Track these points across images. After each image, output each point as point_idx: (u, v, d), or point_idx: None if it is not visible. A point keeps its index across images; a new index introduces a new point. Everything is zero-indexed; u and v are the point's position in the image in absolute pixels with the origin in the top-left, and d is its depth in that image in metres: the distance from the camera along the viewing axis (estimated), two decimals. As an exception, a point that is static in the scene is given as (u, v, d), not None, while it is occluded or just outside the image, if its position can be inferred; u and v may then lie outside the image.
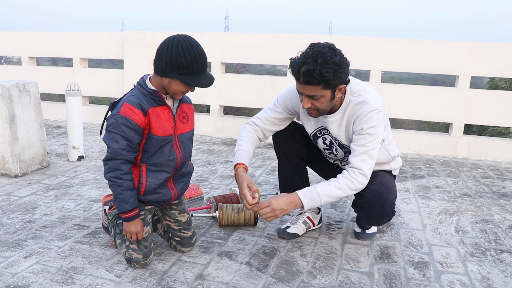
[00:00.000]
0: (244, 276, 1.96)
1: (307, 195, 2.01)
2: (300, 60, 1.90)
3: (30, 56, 5.91)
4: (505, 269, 2.10)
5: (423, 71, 4.55)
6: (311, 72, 1.86)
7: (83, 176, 3.36)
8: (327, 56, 1.86)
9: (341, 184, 2.02)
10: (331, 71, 1.86)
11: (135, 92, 1.84)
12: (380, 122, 2.04)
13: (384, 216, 2.22)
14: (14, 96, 3.20)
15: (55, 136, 4.79)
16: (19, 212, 2.61)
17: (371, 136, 2.02)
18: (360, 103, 2.04)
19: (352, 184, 2.02)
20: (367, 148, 2.02)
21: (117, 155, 1.79)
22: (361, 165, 2.02)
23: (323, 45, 1.90)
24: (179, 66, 1.72)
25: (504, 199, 3.15)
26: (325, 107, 2.03)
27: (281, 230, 2.38)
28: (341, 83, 1.96)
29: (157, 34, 5.19)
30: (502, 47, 4.25)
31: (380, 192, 2.15)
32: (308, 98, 1.99)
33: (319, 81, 1.88)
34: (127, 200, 1.83)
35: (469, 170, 3.95)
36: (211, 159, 4.04)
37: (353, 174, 2.02)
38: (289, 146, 2.36)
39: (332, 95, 1.98)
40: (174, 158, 1.92)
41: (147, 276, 1.93)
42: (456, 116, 4.45)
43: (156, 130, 1.83)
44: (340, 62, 1.89)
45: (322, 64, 1.85)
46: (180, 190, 2.05)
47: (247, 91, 4.97)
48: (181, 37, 1.74)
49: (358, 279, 1.97)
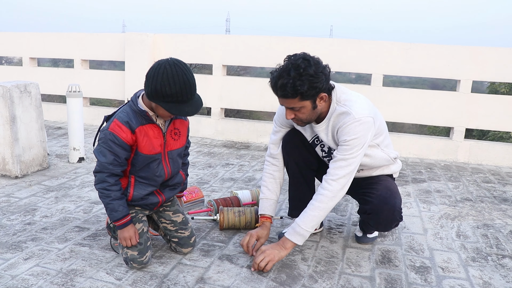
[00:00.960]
0: (245, 280, 1.95)
1: (297, 236, 2.02)
2: (276, 75, 1.91)
3: (31, 57, 5.91)
4: (506, 274, 2.09)
5: (424, 75, 4.54)
6: (284, 86, 1.87)
7: (83, 178, 3.36)
8: (300, 68, 1.85)
9: (315, 205, 2.02)
10: (305, 83, 1.85)
11: (126, 109, 1.91)
12: (364, 133, 1.99)
13: (392, 221, 2.21)
14: (15, 97, 3.19)
15: (56, 137, 4.78)
16: (19, 214, 2.60)
17: (353, 148, 1.98)
18: (343, 113, 2.01)
19: (324, 197, 2.01)
20: (346, 158, 1.99)
21: (104, 169, 1.88)
22: (336, 172, 2.00)
23: (298, 57, 1.90)
24: (164, 94, 1.75)
25: (505, 204, 3.14)
26: (308, 117, 2.02)
27: (282, 234, 2.36)
28: (320, 92, 1.93)
29: (159, 36, 5.19)
30: (503, 52, 4.25)
31: (387, 197, 2.14)
32: (290, 110, 1.99)
33: (293, 94, 1.88)
34: (116, 209, 1.91)
35: (470, 175, 3.95)
36: (212, 161, 4.04)
37: (326, 185, 2.02)
38: (301, 157, 2.30)
39: (313, 105, 1.97)
40: (161, 175, 2.00)
41: (147, 279, 1.92)
42: (457, 121, 4.44)
43: (143, 149, 1.90)
44: (316, 73, 1.87)
45: (295, 77, 1.84)
46: (168, 193, 2.11)
47: (248, 93, 4.97)
48: (169, 63, 1.76)
49: (360, 283, 1.96)
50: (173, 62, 1.76)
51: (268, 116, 19.10)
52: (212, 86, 5.05)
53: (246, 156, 4.30)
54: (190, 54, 5.14)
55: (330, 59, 4.58)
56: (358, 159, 2.01)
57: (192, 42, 5.08)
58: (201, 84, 5.12)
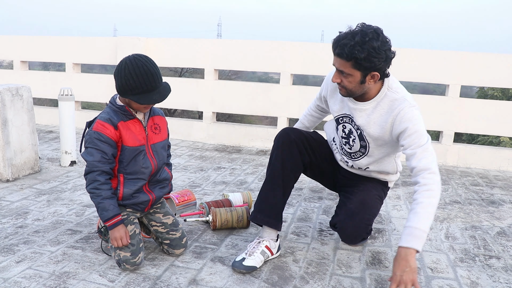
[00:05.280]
0: (237, 281, 1.97)
1: (416, 241, 1.77)
2: (342, 33, 1.88)
3: (22, 60, 5.89)
4: (493, 274, 2.14)
5: (414, 79, 4.60)
6: (344, 45, 1.83)
7: (75, 181, 3.35)
8: (366, 37, 1.81)
9: (424, 201, 1.81)
10: (364, 52, 1.81)
11: (107, 110, 2.02)
12: (421, 119, 1.92)
13: (357, 237, 2.22)
14: (7, 100, 3.19)
15: (47, 141, 4.77)
16: (11, 217, 2.60)
17: (422, 134, 1.90)
18: (398, 100, 1.96)
19: (432, 192, 1.82)
20: (424, 146, 1.89)
21: (93, 168, 1.93)
22: (427, 165, 1.86)
23: (370, 27, 1.85)
24: (130, 87, 1.88)
25: (493, 206, 3.20)
26: (353, 88, 1.95)
27: (236, 263, 2.07)
28: (374, 69, 1.88)
29: (151, 40, 5.21)
30: (491, 57, 4.33)
31: (355, 213, 2.10)
32: (339, 72, 1.94)
33: (348, 57, 1.84)
34: (107, 208, 1.94)
35: (459, 178, 4.00)
36: (204, 165, 4.05)
37: (425, 180, 1.84)
38: (291, 156, 2.18)
39: (362, 79, 1.91)
40: (148, 166, 2.05)
41: (140, 281, 1.93)
42: (446, 125, 4.50)
43: (127, 141, 1.98)
44: (379, 48, 1.82)
45: (358, 42, 1.80)
46: (158, 192, 2.16)
47: (240, 98, 4.99)
48: (129, 59, 1.89)
49: (350, 284, 1.99)
50: (133, 57, 1.89)
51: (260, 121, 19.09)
52: (204, 90, 5.08)
53: (238, 159, 4.32)
54: (182, 58, 5.16)
55: (322, 63, 4.65)
56: (431, 144, 1.92)
57: (184, 46, 5.10)
58: (193, 88, 5.16)
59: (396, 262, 1.77)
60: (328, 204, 3.07)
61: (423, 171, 1.86)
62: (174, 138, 5.12)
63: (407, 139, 1.91)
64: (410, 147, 1.90)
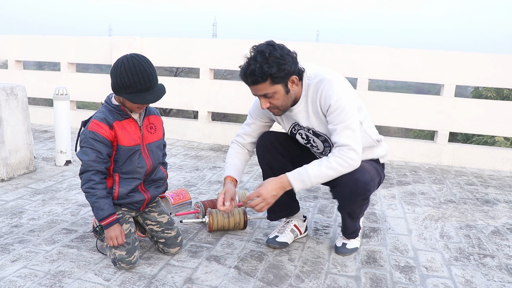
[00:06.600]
0: (232, 280, 1.97)
1: (298, 178, 1.96)
2: (244, 65, 1.94)
3: (17, 59, 5.86)
4: (487, 273, 2.15)
5: (409, 79, 4.63)
6: (253, 71, 1.89)
7: (70, 181, 3.35)
8: (265, 53, 1.88)
9: (331, 163, 1.95)
10: (273, 65, 1.87)
11: (102, 109, 2.02)
12: (345, 92, 1.98)
13: (356, 194, 2.07)
14: (1, 99, 3.17)
15: (42, 140, 4.75)
16: (6, 217, 2.59)
17: (344, 110, 1.95)
18: (318, 82, 2.01)
19: (343, 162, 1.94)
20: (346, 122, 1.95)
21: (88, 167, 1.93)
22: (346, 141, 1.94)
23: (262, 44, 1.93)
24: (124, 85, 1.87)
25: (487, 206, 3.22)
26: (283, 102, 2.01)
27: (270, 239, 2.34)
28: (289, 74, 1.94)
29: (147, 39, 5.20)
30: (485, 58, 4.35)
31: (353, 172, 2.03)
32: (264, 98, 1.99)
33: (263, 78, 1.89)
34: (102, 207, 1.94)
35: (453, 177, 4.02)
36: (199, 164, 4.05)
37: (341, 151, 1.95)
38: (273, 159, 2.28)
39: (286, 89, 1.97)
40: (143, 166, 2.05)
41: (135, 280, 1.93)
42: (441, 124, 4.53)
43: (123, 141, 1.98)
44: (282, 55, 1.89)
45: (262, 61, 1.87)
46: (153, 191, 2.16)
47: (235, 97, 5.00)
48: (126, 57, 1.88)
49: (345, 283, 2.00)
50: (130, 56, 1.88)
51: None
52: (199, 90, 5.07)
53: (234, 159, 4.32)
54: (177, 58, 5.16)
55: (316, 63, 4.64)
56: (355, 119, 1.97)
57: (179, 46, 5.10)
58: (188, 87, 5.16)
59: (272, 181, 1.97)
60: (323, 203, 3.07)
61: (342, 146, 1.95)
62: (170, 138, 5.11)
63: (330, 116, 1.99)
64: (332, 123, 1.99)
